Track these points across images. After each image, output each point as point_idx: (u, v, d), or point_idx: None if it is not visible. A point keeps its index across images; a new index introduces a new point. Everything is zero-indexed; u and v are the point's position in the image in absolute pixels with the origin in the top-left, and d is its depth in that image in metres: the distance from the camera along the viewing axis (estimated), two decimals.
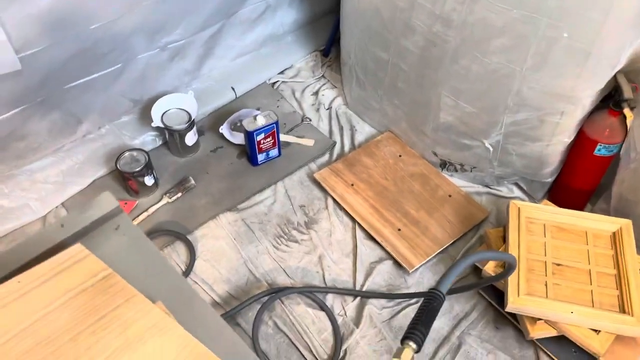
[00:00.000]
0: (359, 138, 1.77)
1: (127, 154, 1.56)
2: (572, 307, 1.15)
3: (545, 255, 1.27)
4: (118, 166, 1.53)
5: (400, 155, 1.67)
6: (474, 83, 1.34)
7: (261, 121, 1.58)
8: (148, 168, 1.54)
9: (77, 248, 0.63)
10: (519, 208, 1.34)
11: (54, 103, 1.47)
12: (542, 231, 1.32)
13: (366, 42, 1.59)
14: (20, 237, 1.49)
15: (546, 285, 1.21)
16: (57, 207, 1.54)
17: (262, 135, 1.60)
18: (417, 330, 0.70)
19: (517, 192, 1.61)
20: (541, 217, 1.34)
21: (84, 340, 0.55)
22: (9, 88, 1.31)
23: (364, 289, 1.40)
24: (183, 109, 1.63)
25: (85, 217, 0.68)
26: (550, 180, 1.51)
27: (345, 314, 1.37)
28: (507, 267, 1.06)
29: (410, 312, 1.37)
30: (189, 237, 1.49)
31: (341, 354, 1.30)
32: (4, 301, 0.58)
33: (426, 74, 1.44)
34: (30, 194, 1.52)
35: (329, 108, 1.86)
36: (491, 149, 1.46)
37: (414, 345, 0.70)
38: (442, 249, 1.46)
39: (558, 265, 1.25)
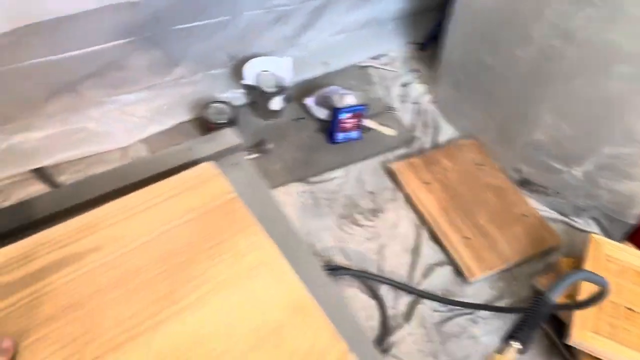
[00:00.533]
0: (441, 139, 1.73)
1: (214, 104, 1.58)
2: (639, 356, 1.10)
3: (619, 297, 1.22)
4: (204, 114, 1.55)
5: (480, 165, 1.63)
6: (583, 106, 1.28)
7: (350, 100, 1.57)
8: (232, 122, 1.56)
9: (208, 166, 0.63)
10: (599, 243, 1.28)
11: (159, 41, 1.50)
12: (619, 272, 1.26)
13: (473, 43, 1.55)
14: (98, 163, 1.54)
15: (615, 327, 1.16)
16: (138, 141, 1.58)
17: (348, 115, 1.59)
18: (523, 331, 0.67)
19: (594, 227, 1.54)
20: (622, 258, 1.28)
21: (197, 264, 0.55)
22: (124, 18, 1.34)
23: (419, 288, 1.38)
24: (275, 73, 1.64)
25: (212, 145, 0.69)
26: (634, 222, 1.44)
27: (396, 307, 1.35)
28: (600, 293, 1.02)
29: (463, 321, 1.34)
30: None
31: (385, 346, 1.28)
32: (132, 211, 0.59)
33: (531, 87, 1.40)
34: (117, 124, 1.57)
35: (416, 103, 1.83)
36: (581, 177, 1.40)
37: (519, 346, 0.68)
38: (507, 266, 1.42)
39: (630, 310, 1.20)
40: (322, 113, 1.70)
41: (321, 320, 0.52)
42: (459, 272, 1.41)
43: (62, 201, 0.63)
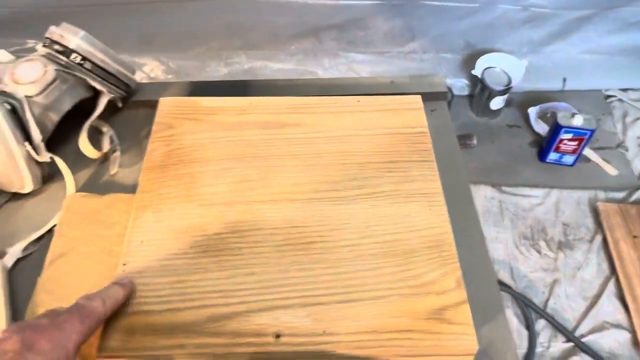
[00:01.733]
0: None
1: None
2: None
3: None
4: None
5: None
6: None
7: (578, 121, 1.43)
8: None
9: (416, 98, 0.67)
10: None
11: (404, 12, 1.55)
12: None
13: None
14: None
15: None
16: None
17: (569, 136, 1.46)
18: None
19: None
20: None
21: (368, 170, 0.59)
22: None
23: (582, 340, 1.23)
24: (506, 72, 1.57)
25: (414, 85, 0.71)
26: None
27: (548, 348, 1.22)
28: None
29: None
30: None
31: None
32: (338, 109, 0.66)
33: None
34: (341, 77, 1.67)
35: None
36: None
37: None
38: None
39: None
40: (541, 128, 1.59)
41: (454, 264, 0.51)
42: (636, 343, 1.22)
43: (272, 91, 0.71)
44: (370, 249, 0.52)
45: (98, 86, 0.65)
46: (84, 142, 0.63)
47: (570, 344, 1.23)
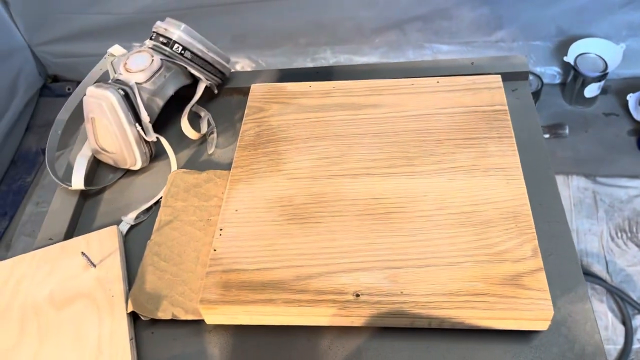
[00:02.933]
0: None
1: None
2: None
3: None
4: None
5: None
6: None
7: None
8: (535, 95, 1.51)
9: (496, 78, 0.68)
10: None
11: (488, 0, 1.52)
12: None
13: None
14: None
15: None
16: None
17: None
18: None
19: None
20: None
21: (447, 147, 0.61)
22: None
23: None
24: (602, 58, 1.50)
25: (495, 65, 0.72)
26: None
27: None
28: None
29: None
30: None
31: None
32: (417, 90, 0.69)
33: None
34: None
35: None
36: None
37: None
38: None
39: None
40: None
41: (530, 233, 0.52)
42: None
43: (355, 75, 0.75)
44: (447, 219, 0.54)
45: (197, 74, 0.72)
46: (185, 125, 0.71)
47: None
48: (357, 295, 0.50)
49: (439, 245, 0.52)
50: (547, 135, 1.52)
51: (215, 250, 0.55)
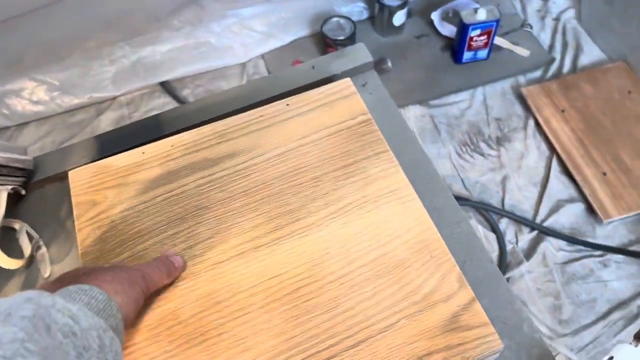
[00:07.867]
0: (583, 61, 1.54)
1: (334, 19, 1.51)
2: None
3: None
4: (323, 30, 1.49)
5: (629, 92, 1.43)
6: None
7: (481, 16, 1.42)
8: (351, 39, 1.49)
9: (346, 82, 0.60)
10: None
11: None
12: None
13: None
14: (218, 78, 1.56)
15: None
16: (257, 57, 1.57)
17: (477, 32, 1.44)
18: None
19: None
20: None
21: (326, 183, 0.54)
22: None
23: (544, 225, 1.28)
24: None
25: (337, 64, 0.65)
26: None
27: (517, 243, 1.27)
28: None
29: (591, 263, 1.24)
30: None
31: None
32: (268, 122, 0.59)
33: None
34: (237, 38, 1.56)
35: (557, 19, 1.62)
36: None
37: None
38: None
39: None
40: (448, 30, 1.57)
41: (448, 261, 0.48)
42: (591, 211, 1.29)
43: (192, 116, 0.62)
44: (360, 274, 0.48)
45: None
46: None
47: (535, 233, 1.28)
48: None
49: (364, 311, 0.46)
50: None
51: None
